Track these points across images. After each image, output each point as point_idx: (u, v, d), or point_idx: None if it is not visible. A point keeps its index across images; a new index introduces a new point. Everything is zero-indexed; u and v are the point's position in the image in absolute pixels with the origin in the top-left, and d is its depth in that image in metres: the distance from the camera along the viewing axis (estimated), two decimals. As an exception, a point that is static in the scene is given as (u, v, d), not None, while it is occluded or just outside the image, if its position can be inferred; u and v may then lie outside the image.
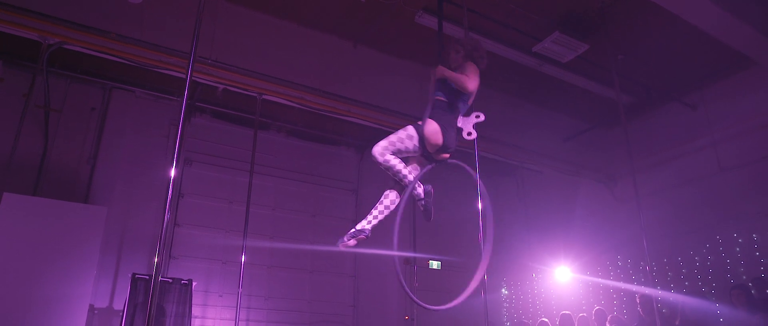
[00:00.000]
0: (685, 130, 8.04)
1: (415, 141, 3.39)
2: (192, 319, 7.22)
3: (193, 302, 7.16)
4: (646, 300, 6.27)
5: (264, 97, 6.66)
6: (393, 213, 3.39)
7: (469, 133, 3.59)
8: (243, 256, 6.15)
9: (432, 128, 3.37)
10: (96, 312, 7.05)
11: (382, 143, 3.38)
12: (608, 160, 9.04)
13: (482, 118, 3.63)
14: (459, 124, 3.60)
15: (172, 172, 2.92)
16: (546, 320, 7.59)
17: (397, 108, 7.35)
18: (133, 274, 6.51)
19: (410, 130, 3.43)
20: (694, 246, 7.53)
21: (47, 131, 7.22)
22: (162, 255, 2.88)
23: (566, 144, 9.04)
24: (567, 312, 7.48)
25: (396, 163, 3.36)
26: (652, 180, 8.32)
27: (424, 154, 3.48)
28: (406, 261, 8.36)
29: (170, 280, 6.71)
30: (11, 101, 6.69)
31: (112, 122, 7.82)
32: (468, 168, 3.52)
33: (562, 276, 8.88)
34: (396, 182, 3.48)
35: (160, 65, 5.89)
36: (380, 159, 3.34)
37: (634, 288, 7.81)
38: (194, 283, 6.89)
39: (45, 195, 6.79)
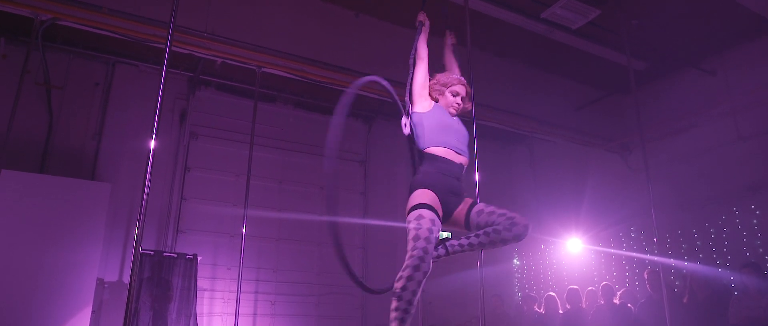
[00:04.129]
0: (703, 97, 7.69)
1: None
2: (200, 292, 7.32)
3: (200, 275, 7.25)
4: (654, 276, 6.12)
5: (263, 69, 6.54)
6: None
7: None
8: (244, 227, 6.16)
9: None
10: (106, 285, 7.16)
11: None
12: (622, 128, 8.75)
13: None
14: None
15: (152, 144, 3.00)
16: (553, 294, 7.49)
17: (404, 79, 7.14)
18: (138, 250, 6.55)
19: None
20: (709, 218, 7.30)
21: (51, 108, 7.22)
22: (142, 227, 2.86)
23: (578, 113, 8.76)
24: (575, 286, 7.36)
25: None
26: (668, 149, 8.05)
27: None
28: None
29: (175, 255, 6.75)
30: (15, 78, 6.66)
31: (117, 97, 7.79)
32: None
33: (574, 247, 8.75)
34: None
35: (155, 39, 5.78)
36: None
37: (646, 258, 7.65)
38: (199, 258, 6.93)
39: (52, 173, 6.83)
